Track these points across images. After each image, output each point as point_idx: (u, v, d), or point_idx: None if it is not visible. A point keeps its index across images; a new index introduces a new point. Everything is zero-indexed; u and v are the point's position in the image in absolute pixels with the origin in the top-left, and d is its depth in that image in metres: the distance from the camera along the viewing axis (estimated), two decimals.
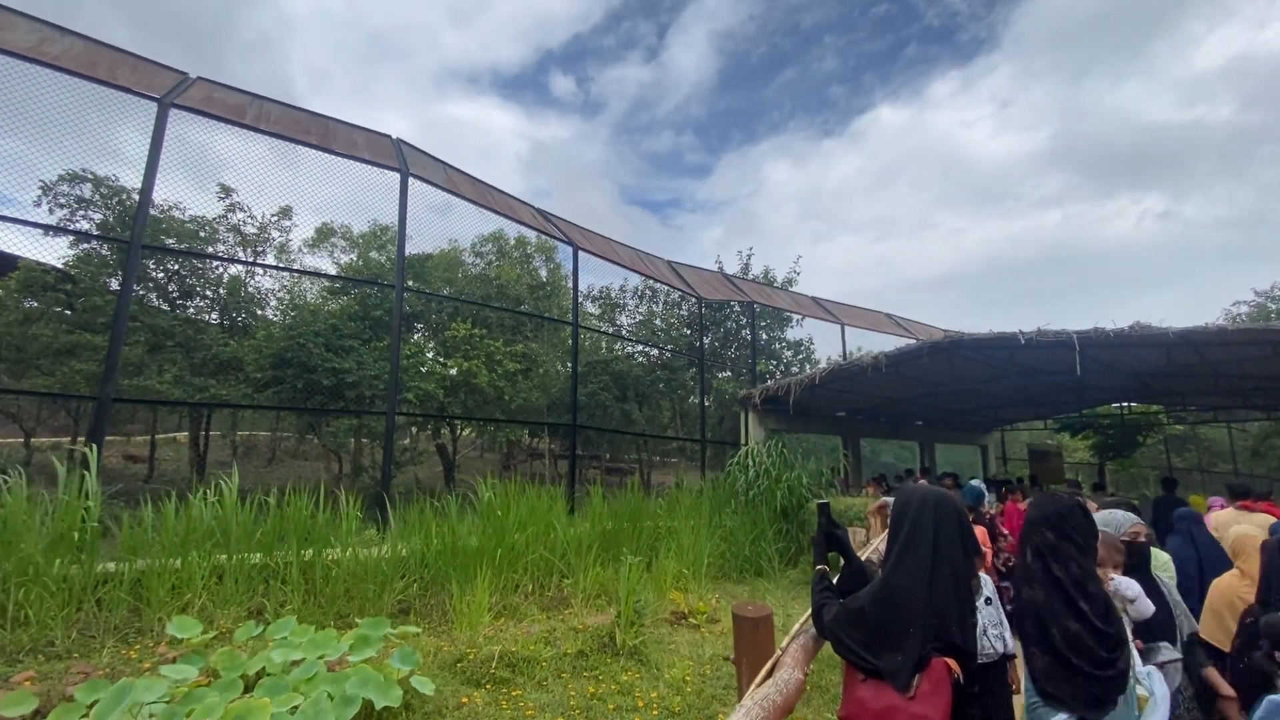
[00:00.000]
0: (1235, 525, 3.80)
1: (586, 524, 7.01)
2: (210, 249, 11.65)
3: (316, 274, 13.89)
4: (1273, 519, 4.21)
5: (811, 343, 18.14)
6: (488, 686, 3.96)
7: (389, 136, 8.80)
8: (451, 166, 9.13)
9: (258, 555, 4.89)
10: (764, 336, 17.57)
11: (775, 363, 17.60)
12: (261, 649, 3.56)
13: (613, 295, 17.97)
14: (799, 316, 16.62)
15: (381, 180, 8.24)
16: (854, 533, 3.22)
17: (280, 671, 3.32)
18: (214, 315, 12.28)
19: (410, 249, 13.21)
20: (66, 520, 4.33)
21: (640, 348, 16.88)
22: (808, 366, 17.51)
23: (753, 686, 1.49)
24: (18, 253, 8.95)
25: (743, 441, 11.38)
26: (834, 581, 2.19)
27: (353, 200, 9.73)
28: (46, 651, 3.76)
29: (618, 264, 10.87)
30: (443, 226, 13.70)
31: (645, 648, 4.71)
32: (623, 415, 14.69)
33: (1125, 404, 16.34)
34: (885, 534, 4.90)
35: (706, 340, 16.71)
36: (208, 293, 12.20)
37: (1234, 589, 3.11)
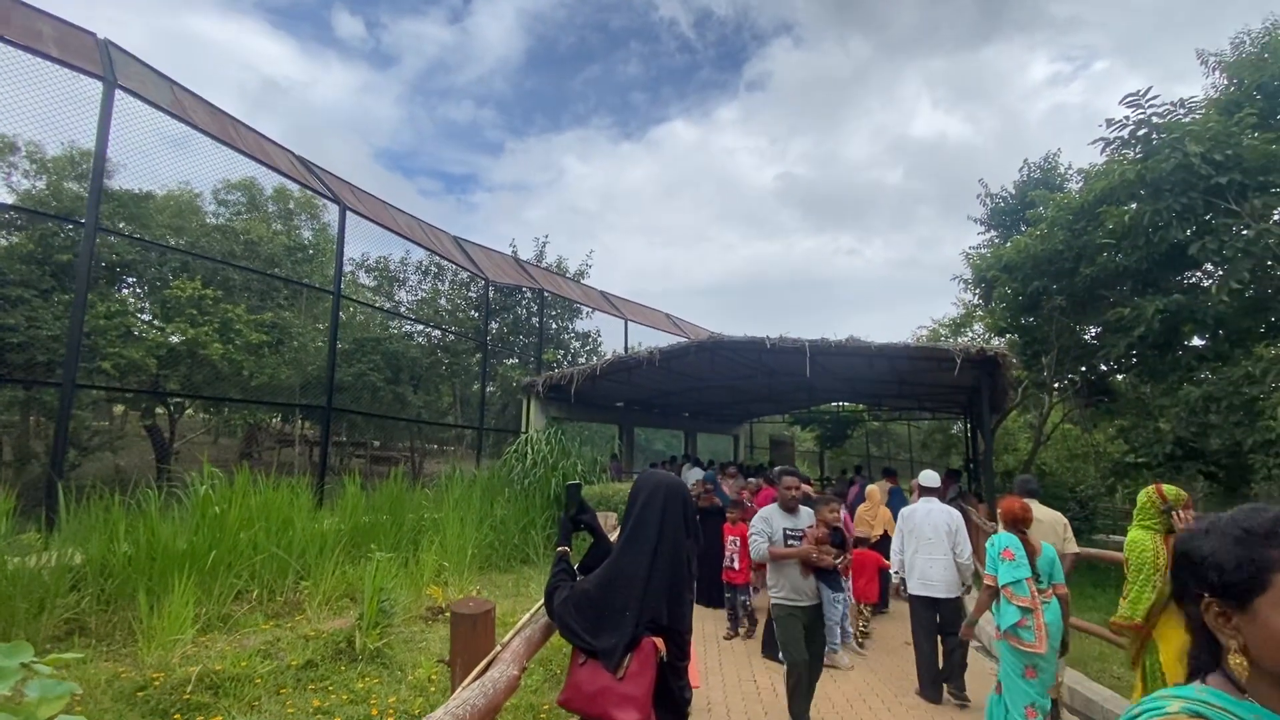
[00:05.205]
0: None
1: (336, 518, 6.30)
2: None
3: None
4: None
5: (599, 335, 18.49)
6: (177, 717, 3.29)
7: (94, 34, 6.89)
8: (182, 87, 7.46)
9: None
10: (553, 326, 17.61)
11: (564, 352, 17.71)
12: None
13: (393, 269, 16.45)
14: (588, 309, 16.96)
15: (91, 91, 6.45)
16: (605, 518, 3.34)
17: None
18: None
19: (128, 183, 10.57)
20: None
21: (420, 327, 15.72)
22: (595, 358, 17.96)
23: (459, 689, 1.40)
24: None
25: (524, 429, 11.27)
26: (578, 562, 2.16)
27: (50, 115, 7.41)
28: None
29: (394, 232, 9.90)
30: (177, 164, 10.96)
31: (390, 649, 4.36)
32: (396, 399, 13.55)
33: (840, 403, 19.85)
34: None
35: (494, 325, 16.22)
36: None
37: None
